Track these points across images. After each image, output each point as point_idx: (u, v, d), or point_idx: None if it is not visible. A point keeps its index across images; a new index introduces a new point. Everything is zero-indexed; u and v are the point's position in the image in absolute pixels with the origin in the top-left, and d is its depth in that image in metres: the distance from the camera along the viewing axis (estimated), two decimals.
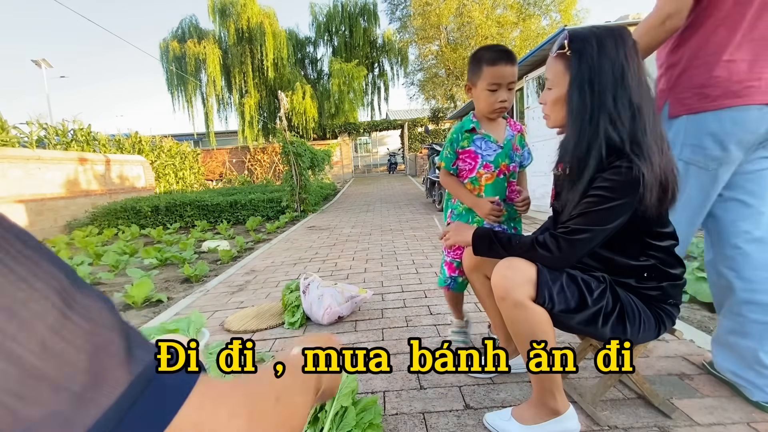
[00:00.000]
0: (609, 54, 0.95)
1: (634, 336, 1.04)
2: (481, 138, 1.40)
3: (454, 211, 1.54)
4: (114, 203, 7.74)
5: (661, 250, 1.05)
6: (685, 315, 1.96)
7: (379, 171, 23.52)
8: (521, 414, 1.13)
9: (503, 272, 1.03)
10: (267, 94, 17.76)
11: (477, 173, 1.41)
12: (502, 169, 1.40)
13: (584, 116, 0.97)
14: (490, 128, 1.41)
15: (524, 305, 1.00)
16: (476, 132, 1.41)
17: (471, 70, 1.38)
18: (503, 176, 1.40)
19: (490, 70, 1.29)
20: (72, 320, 0.23)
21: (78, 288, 0.24)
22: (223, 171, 18.65)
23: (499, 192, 1.41)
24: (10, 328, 0.20)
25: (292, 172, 7.38)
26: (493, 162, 1.39)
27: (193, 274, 3.34)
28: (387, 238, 4.50)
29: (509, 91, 1.32)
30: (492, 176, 1.40)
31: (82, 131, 9.43)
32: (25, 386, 0.20)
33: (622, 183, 0.93)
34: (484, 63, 1.30)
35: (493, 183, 1.40)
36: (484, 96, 1.33)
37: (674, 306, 1.09)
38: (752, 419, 1.15)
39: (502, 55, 1.29)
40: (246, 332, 2.04)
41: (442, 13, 16.58)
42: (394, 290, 2.59)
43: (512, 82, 1.31)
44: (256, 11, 16.49)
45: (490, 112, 1.36)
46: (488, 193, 1.40)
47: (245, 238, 5.47)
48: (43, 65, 16.43)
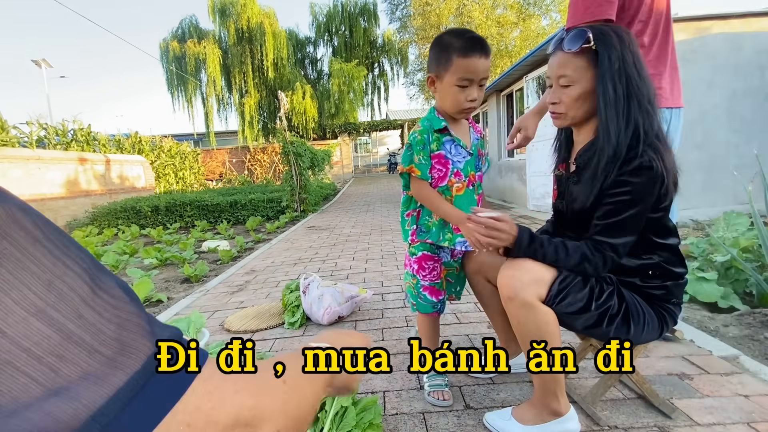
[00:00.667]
0: (628, 46, 0.99)
1: (638, 336, 1.04)
2: (451, 141, 1.20)
3: (421, 228, 1.28)
4: (114, 203, 7.74)
5: (666, 247, 1.05)
6: (685, 315, 1.96)
7: (379, 171, 23.52)
8: (522, 414, 1.13)
9: (510, 272, 1.02)
10: (267, 94, 17.76)
11: (448, 181, 1.20)
12: (471, 178, 1.23)
13: (619, 108, 0.98)
14: (457, 130, 1.22)
15: (533, 305, 0.99)
16: (446, 133, 1.20)
17: (436, 59, 1.15)
18: (472, 187, 1.24)
19: (462, 62, 1.09)
20: (100, 296, 0.26)
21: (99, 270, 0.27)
22: (223, 171, 18.64)
23: (469, 205, 1.21)
24: (50, 298, 0.23)
25: (292, 172, 7.38)
26: (463, 170, 1.21)
27: (193, 274, 3.34)
28: (387, 238, 4.50)
29: (480, 88, 1.14)
30: (462, 186, 1.21)
31: (82, 131, 9.44)
32: (66, 349, 0.23)
33: (649, 182, 0.94)
34: (454, 53, 1.10)
35: (463, 194, 1.22)
36: (452, 92, 1.13)
37: (676, 305, 1.09)
38: (752, 419, 1.15)
39: (476, 45, 1.09)
40: (246, 332, 2.04)
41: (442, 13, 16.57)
42: (394, 290, 2.59)
43: (485, 78, 1.13)
44: (256, 11, 16.49)
45: (457, 112, 1.17)
46: (459, 205, 1.20)
47: (245, 238, 5.47)
48: (43, 65, 16.43)
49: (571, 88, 1.03)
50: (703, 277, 2.10)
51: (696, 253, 2.72)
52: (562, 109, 1.06)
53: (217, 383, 0.30)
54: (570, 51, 1.01)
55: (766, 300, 2.07)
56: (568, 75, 1.02)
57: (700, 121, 4.79)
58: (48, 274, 0.23)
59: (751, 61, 4.85)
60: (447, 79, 1.13)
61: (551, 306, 1.00)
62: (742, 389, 1.29)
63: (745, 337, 1.72)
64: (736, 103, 4.87)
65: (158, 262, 4.08)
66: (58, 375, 0.22)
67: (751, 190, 2.24)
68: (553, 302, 0.99)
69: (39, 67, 16.54)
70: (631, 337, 1.03)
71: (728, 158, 4.85)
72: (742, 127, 4.91)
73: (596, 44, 0.98)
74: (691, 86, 4.75)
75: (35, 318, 0.22)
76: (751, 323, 1.84)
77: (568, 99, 1.04)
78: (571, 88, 1.03)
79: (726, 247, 2.27)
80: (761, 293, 2.09)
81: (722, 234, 2.77)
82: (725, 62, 4.82)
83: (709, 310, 2.06)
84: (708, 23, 4.76)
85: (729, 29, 4.80)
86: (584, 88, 1.01)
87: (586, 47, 0.99)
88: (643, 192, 0.95)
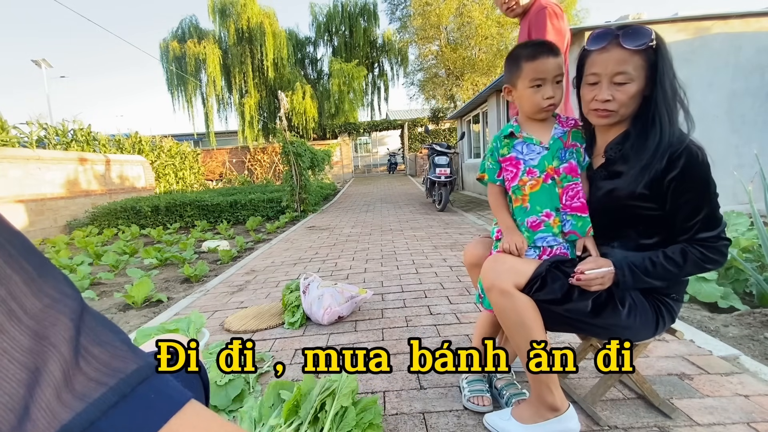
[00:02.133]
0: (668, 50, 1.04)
1: (630, 325, 1.05)
2: (522, 142, 1.24)
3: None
4: (114, 203, 7.74)
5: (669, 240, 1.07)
6: (685, 315, 1.96)
7: (379, 171, 23.52)
8: (521, 413, 1.13)
9: (490, 264, 1.09)
10: (267, 94, 17.76)
11: (519, 181, 1.23)
12: (549, 172, 1.19)
13: (672, 104, 1.03)
14: (533, 130, 1.25)
15: (510, 293, 1.03)
16: (515, 136, 1.25)
17: (509, 71, 1.23)
18: (552, 181, 1.19)
19: (531, 65, 1.16)
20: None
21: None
22: (223, 171, 18.65)
23: (548, 201, 1.19)
24: None
25: (292, 172, 7.38)
26: (537, 166, 1.20)
27: (193, 274, 3.34)
28: (387, 238, 4.50)
29: (557, 84, 1.17)
30: (537, 183, 1.20)
31: (82, 131, 9.44)
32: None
33: (707, 166, 0.99)
34: (522, 60, 1.17)
35: (539, 190, 1.20)
36: (528, 95, 1.18)
37: (676, 301, 1.10)
38: (752, 419, 1.15)
39: (543, 48, 1.17)
40: (246, 332, 2.04)
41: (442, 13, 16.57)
42: (394, 290, 2.59)
43: (559, 74, 1.16)
44: (256, 11, 16.49)
45: (536, 112, 1.20)
46: (534, 203, 1.20)
47: (245, 238, 5.47)
48: (43, 65, 16.43)
49: (628, 85, 1.02)
50: (703, 277, 2.10)
51: None
52: (614, 107, 1.04)
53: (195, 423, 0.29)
54: (631, 48, 1.00)
55: (766, 300, 2.07)
56: (628, 72, 1.01)
57: (700, 121, 4.71)
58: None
59: (751, 61, 4.85)
60: (520, 84, 1.20)
61: (529, 294, 1.03)
62: (742, 389, 1.30)
63: (745, 337, 1.72)
64: (736, 103, 4.87)
65: (158, 262, 4.08)
66: None
67: (751, 190, 2.24)
68: (531, 290, 1.03)
69: (39, 67, 16.53)
70: (622, 323, 1.05)
71: (728, 158, 4.85)
72: (742, 127, 4.91)
73: (658, 43, 1.01)
74: (691, 86, 4.72)
75: None
76: (751, 323, 1.84)
77: (624, 96, 1.02)
78: (629, 85, 1.02)
79: None
80: (761, 293, 2.09)
81: None
82: (725, 62, 4.82)
83: (709, 310, 2.06)
84: (708, 23, 4.76)
85: (729, 29, 4.80)
86: (640, 86, 1.02)
87: (647, 46, 1.00)
88: (709, 176, 0.99)
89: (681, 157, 0.98)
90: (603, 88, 1.04)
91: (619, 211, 1.08)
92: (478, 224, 5.10)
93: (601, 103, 1.05)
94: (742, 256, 2.32)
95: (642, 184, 1.03)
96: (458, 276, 2.83)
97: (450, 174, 6.50)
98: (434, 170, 6.63)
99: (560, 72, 1.16)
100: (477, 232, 4.61)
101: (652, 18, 4.82)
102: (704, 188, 0.99)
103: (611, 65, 1.02)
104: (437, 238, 4.34)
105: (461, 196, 9.19)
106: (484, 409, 1.27)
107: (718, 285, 2.13)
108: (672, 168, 0.99)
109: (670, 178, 0.99)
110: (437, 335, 1.86)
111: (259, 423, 1.16)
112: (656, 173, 1.01)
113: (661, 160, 1.00)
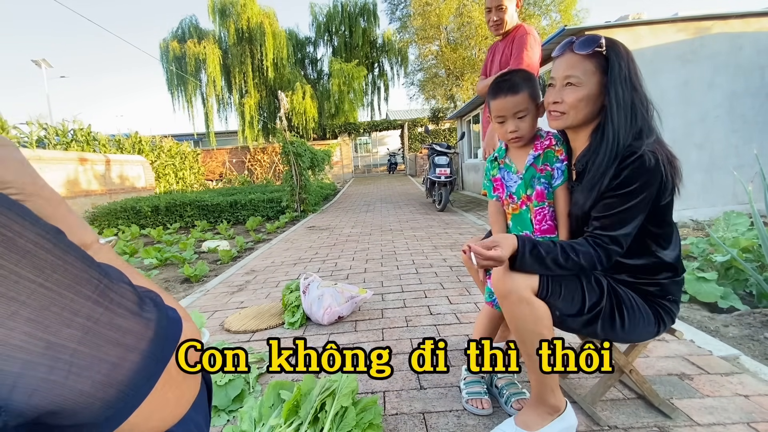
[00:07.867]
0: (631, 59, 1.04)
1: (632, 332, 1.05)
2: (503, 168, 1.33)
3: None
4: (114, 203, 7.73)
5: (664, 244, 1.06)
6: (685, 315, 1.96)
7: (379, 171, 23.52)
8: (525, 420, 1.11)
9: (503, 272, 1.04)
10: (267, 94, 17.75)
11: (504, 202, 1.34)
12: (524, 200, 1.28)
13: (627, 112, 1.02)
14: (513, 154, 1.32)
15: (529, 300, 1.01)
16: (498, 162, 1.35)
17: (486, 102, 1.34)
18: (526, 207, 1.28)
19: (493, 103, 1.24)
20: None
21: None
22: (223, 171, 18.64)
23: (522, 225, 1.29)
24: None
25: (292, 172, 7.37)
26: (515, 193, 1.29)
27: (193, 274, 3.34)
28: (387, 238, 4.50)
29: (520, 119, 1.22)
30: (517, 207, 1.30)
31: (82, 131, 9.44)
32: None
33: (647, 173, 0.97)
34: (489, 96, 1.26)
35: (518, 214, 1.30)
36: (496, 127, 1.28)
37: (674, 303, 1.10)
38: (752, 419, 1.15)
39: (502, 87, 1.22)
40: (246, 332, 2.04)
41: (442, 13, 16.57)
42: (394, 290, 2.59)
43: (520, 111, 1.21)
44: (256, 11, 16.48)
45: (506, 143, 1.32)
46: (515, 224, 1.32)
47: (245, 238, 5.47)
48: (43, 65, 16.44)
49: (576, 89, 1.05)
50: (703, 277, 2.10)
51: (696, 253, 2.72)
52: (563, 108, 1.07)
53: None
54: (581, 53, 1.03)
55: (767, 300, 2.07)
56: (577, 76, 1.04)
57: (700, 121, 4.79)
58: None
59: (751, 61, 4.85)
60: (491, 116, 1.29)
61: (543, 299, 1.02)
62: (742, 389, 1.30)
63: (745, 337, 1.73)
64: (736, 103, 4.87)
65: (158, 262, 4.08)
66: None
67: (751, 190, 2.24)
68: (546, 294, 1.02)
69: (39, 67, 16.55)
70: (626, 330, 1.04)
71: (728, 158, 4.85)
72: (742, 127, 4.91)
73: (608, 50, 1.03)
74: (692, 86, 4.75)
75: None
76: (751, 323, 1.84)
77: (572, 99, 1.05)
78: (577, 89, 1.05)
79: (726, 247, 2.27)
80: (761, 293, 2.09)
81: (722, 234, 2.77)
82: (725, 62, 4.81)
83: (709, 310, 2.06)
84: (708, 23, 4.76)
85: (729, 29, 4.79)
86: (589, 91, 1.04)
87: (597, 52, 1.03)
88: (643, 183, 0.97)
89: (627, 167, 0.98)
90: (555, 90, 1.09)
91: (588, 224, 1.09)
92: (478, 224, 5.10)
93: (551, 104, 1.10)
94: (742, 256, 2.32)
95: (590, 202, 1.05)
96: (458, 276, 2.83)
97: (450, 174, 6.50)
98: (434, 170, 6.63)
99: (520, 108, 1.20)
100: (477, 232, 4.61)
101: (652, 18, 4.82)
102: (630, 195, 0.98)
103: (562, 69, 1.07)
104: (437, 238, 4.34)
105: (461, 196, 9.19)
106: (483, 412, 1.26)
107: (718, 285, 2.13)
108: (615, 179, 1.00)
109: (611, 187, 1.00)
110: (437, 335, 1.86)
111: (259, 423, 1.16)
112: (600, 190, 1.03)
113: (604, 177, 1.01)
